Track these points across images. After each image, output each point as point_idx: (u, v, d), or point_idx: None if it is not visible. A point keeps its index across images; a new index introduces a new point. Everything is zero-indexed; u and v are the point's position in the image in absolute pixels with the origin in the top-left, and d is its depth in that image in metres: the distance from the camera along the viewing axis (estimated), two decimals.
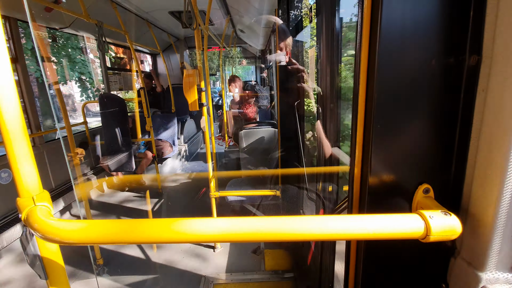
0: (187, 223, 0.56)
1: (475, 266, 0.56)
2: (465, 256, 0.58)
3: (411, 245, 0.63)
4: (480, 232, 0.54)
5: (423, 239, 0.51)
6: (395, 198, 0.61)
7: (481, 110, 0.53)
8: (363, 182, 0.63)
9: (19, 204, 0.60)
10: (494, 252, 0.53)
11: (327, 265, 1.59)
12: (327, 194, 1.56)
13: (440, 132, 0.58)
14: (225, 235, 0.56)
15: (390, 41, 0.55)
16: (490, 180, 0.52)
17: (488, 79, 0.51)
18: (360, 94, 0.61)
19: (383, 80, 0.57)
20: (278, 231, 0.54)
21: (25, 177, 0.60)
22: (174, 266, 2.42)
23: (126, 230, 0.56)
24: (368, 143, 0.60)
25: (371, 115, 0.59)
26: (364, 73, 0.59)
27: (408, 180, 0.60)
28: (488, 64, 0.51)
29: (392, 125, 0.58)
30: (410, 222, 0.51)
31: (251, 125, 3.66)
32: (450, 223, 0.50)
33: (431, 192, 0.59)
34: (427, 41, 0.55)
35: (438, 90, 0.57)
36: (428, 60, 0.56)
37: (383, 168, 0.60)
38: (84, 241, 0.58)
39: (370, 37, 0.58)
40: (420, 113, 0.58)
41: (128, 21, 3.63)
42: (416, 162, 0.59)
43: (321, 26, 1.40)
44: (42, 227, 0.56)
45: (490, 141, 0.52)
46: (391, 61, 0.56)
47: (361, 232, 0.52)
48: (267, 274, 2.23)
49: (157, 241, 0.57)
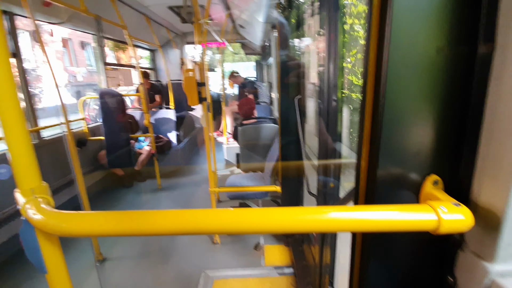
0: (187, 214, 0.55)
1: (484, 258, 0.55)
2: (474, 248, 0.57)
3: (417, 237, 0.62)
4: (490, 224, 0.53)
5: (434, 231, 0.50)
6: (403, 190, 0.60)
7: (494, 99, 0.52)
8: (370, 173, 0.61)
9: (18, 196, 0.59)
10: (504, 244, 0.52)
11: (327, 261, 1.59)
12: (328, 190, 1.55)
13: (450, 122, 0.57)
14: (225, 226, 0.55)
15: (400, 29, 0.54)
16: (502, 171, 0.50)
17: (502, 68, 0.50)
18: (368, 84, 0.59)
19: (392, 70, 0.55)
20: (282, 222, 0.53)
21: (23, 169, 0.59)
22: (174, 261, 2.42)
23: (126, 221, 0.55)
24: (376, 133, 0.58)
25: (379, 105, 0.57)
26: (373, 63, 0.58)
27: (417, 171, 0.59)
28: (501, 51, 0.50)
29: (400, 115, 0.57)
30: (421, 214, 0.50)
31: (251, 121, 3.64)
32: (462, 215, 0.49)
33: (440, 184, 0.58)
34: (437, 28, 0.54)
35: (448, 79, 0.55)
36: (438, 49, 0.54)
37: (391, 159, 0.59)
38: (83, 232, 0.57)
39: (379, 26, 0.56)
40: (429, 103, 0.56)
41: (126, 15, 3.59)
42: (425, 153, 0.58)
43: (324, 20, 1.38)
44: (40, 219, 0.55)
45: (502, 131, 0.50)
46: (401, 50, 0.55)
47: (370, 223, 0.50)
48: (267, 270, 2.23)
49: (157, 233, 0.56)
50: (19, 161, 0.58)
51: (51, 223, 0.55)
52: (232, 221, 0.55)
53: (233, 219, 0.55)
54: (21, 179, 0.59)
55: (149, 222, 0.55)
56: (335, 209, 0.52)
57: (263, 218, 0.54)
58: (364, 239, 0.66)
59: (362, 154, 0.63)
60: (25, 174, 0.59)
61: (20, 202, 0.58)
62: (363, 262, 0.67)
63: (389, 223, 0.51)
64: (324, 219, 0.52)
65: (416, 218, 0.50)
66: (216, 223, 0.55)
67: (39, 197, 0.59)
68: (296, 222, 0.53)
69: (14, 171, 0.58)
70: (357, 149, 0.65)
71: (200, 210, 0.56)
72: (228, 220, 0.55)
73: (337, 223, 0.52)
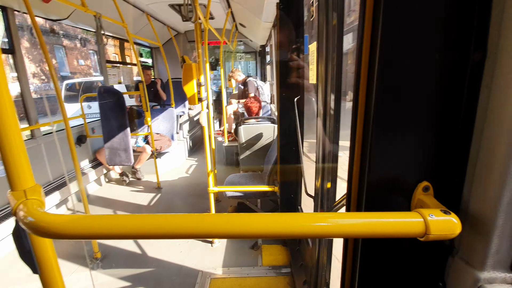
0: (183, 218, 0.55)
1: (473, 265, 0.55)
2: (463, 255, 0.58)
3: (408, 243, 0.62)
4: (479, 231, 0.53)
5: (422, 238, 0.50)
6: (394, 196, 0.60)
7: (484, 107, 0.52)
8: (362, 179, 0.62)
9: (10, 198, 0.59)
10: (493, 251, 0.52)
11: (323, 261, 1.59)
12: (325, 192, 1.55)
13: (442, 129, 0.57)
14: (222, 231, 0.55)
15: (392, 35, 0.54)
16: (492, 178, 0.50)
17: (492, 75, 0.50)
18: (360, 89, 0.59)
19: (384, 75, 0.55)
20: (275, 228, 0.53)
21: (16, 170, 0.59)
22: (171, 261, 2.42)
23: (120, 225, 0.55)
24: (368, 139, 0.58)
25: (371, 110, 0.58)
26: (365, 68, 0.58)
27: (408, 177, 0.59)
28: (493, 60, 0.50)
29: (392, 121, 0.57)
30: (409, 220, 0.50)
31: (251, 120, 3.64)
32: (450, 222, 0.49)
33: (431, 190, 0.58)
34: (430, 36, 0.54)
35: (440, 86, 0.55)
36: (431, 56, 0.54)
37: (382, 165, 0.59)
38: (76, 235, 0.57)
39: (371, 32, 0.56)
40: (421, 110, 0.56)
41: (127, 13, 3.58)
42: (416, 159, 0.58)
43: (323, 20, 1.38)
44: (33, 221, 0.55)
45: (492, 139, 0.50)
46: (393, 56, 0.55)
47: (359, 229, 0.51)
48: (264, 269, 2.24)
49: (151, 237, 0.56)
50: (12, 162, 0.58)
51: (43, 226, 0.55)
52: (229, 226, 0.54)
53: (230, 224, 0.54)
54: (14, 180, 0.58)
55: (145, 226, 0.55)
56: (326, 216, 0.52)
57: (257, 224, 0.54)
58: (356, 245, 0.67)
59: (353, 159, 0.63)
60: (17, 175, 0.59)
61: (12, 203, 0.58)
62: (354, 267, 0.68)
63: (379, 229, 0.51)
64: (315, 225, 0.52)
65: (405, 224, 0.50)
66: (212, 227, 0.54)
67: (32, 199, 0.59)
68: (289, 228, 0.53)
69: (7, 172, 0.58)
70: (349, 154, 0.65)
71: (196, 214, 0.55)
72: (225, 225, 0.54)
73: (328, 229, 0.52)
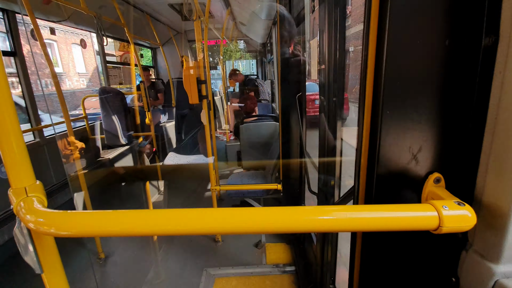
0: (187, 213, 0.53)
1: (489, 259, 0.53)
2: (478, 248, 0.56)
3: (420, 237, 0.60)
4: (494, 223, 0.51)
5: (435, 231, 0.48)
6: (404, 188, 0.58)
7: (497, 94, 0.50)
8: (370, 171, 0.60)
9: (11, 195, 0.58)
10: (509, 244, 0.50)
11: (328, 259, 1.57)
12: (329, 188, 1.53)
13: (453, 118, 0.55)
14: (226, 226, 0.53)
15: (401, 21, 0.52)
16: (507, 168, 0.49)
17: (506, 60, 0.48)
18: (368, 78, 0.57)
19: (393, 63, 0.53)
20: (281, 222, 0.52)
21: (17, 168, 0.58)
22: (176, 259, 2.42)
23: (124, 221, 0.54)
24: (376, 130, 0.56)
25: (379, 100, 0.56)
26: (372, 56, 0.56)
27: (418, 169, 0.57)
28: (506, 44, 0.48)
29: (401, 111, 0.55)
30: (422, 213, 0.48)
31: (252, 118, 3.63)
32: (464, 214, 0.47)
33: (442, 182, 0.56)
34: (440, 20, 0.52)
35: (451, 73, 0.53)
36: (441, 42, 0.52)
37: (391, 157, 0.57)
38: (79, 233, 0.56)
39: (379, 17, 0.54)
40: (431, 98, 0.55)
41: (127, 13, 3.57)
42: (427, 150, 0.56)
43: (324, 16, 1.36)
44: (34, 219, 0.54)
45: (507, 127, 0.48)
46: (401, 42, 0.53)
47: (370, 223, 0.49)
48: (269, 268, 2.23)
49: (156, 233, 0.54)
50: (12, 159, 0.57)
51: (45, 223, 0.54)
52: (233, 221, 0.53)
53: (234, 219, 0.53)
54: (14, 178, 0.57)
55: (149, 221, 0.53)
56: (333, 209, 0.50)
57: (262, 218, 0.52)
58: (364, 239, 0.65)
59: (361, 151, 0.61)
60: (18, 173, 0.58)
61: (13, 201, 0.57)
62: (363, 262, 0.66)
63: (390, 222, 0.49)
64: (323, 219, 0.50)
65: (417, 217, 0.48)
66: (217, 223, 0.53)
67: (33, 196, 0.58)
68: (295, 222, 0.51)
69: (7, 170, 0.57)
70: (356, 146, 0.63)
71: (200, 209, 0.54)
72: (229, 220, 0.53)
73: (336, 223, 0.50)
